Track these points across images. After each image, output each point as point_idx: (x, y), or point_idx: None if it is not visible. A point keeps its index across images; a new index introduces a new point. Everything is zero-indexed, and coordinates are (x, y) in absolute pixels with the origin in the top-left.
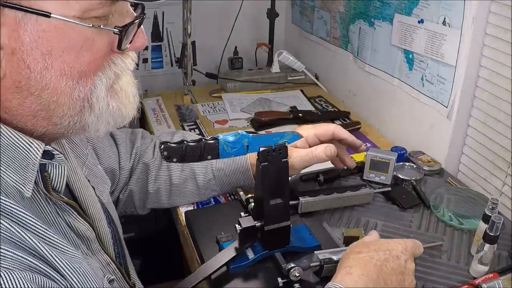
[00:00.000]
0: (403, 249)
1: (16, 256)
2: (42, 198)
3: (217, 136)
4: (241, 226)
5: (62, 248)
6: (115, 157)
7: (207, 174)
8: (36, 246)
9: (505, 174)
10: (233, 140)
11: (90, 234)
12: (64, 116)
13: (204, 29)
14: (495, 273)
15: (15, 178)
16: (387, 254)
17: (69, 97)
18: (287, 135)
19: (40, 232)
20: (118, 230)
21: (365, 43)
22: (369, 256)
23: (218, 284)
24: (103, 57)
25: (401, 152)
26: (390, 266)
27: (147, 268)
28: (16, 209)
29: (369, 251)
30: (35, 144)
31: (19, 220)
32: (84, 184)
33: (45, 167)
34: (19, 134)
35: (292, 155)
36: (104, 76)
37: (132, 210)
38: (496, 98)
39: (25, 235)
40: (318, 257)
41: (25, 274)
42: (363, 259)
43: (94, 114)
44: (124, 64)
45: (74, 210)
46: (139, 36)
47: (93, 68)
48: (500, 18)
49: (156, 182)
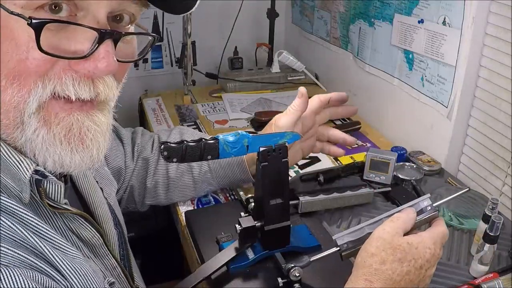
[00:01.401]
0: (430, 257)
1: (17, 254)
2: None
3: (217, 136)
4: (241, 226)
5: (64, 249)
6: (121, 156)
7: (203, 167)
8: (37, 245)
9: (505, 174)
10: (233, 140)
11: (96, 241)
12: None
13: (204, 29)
14: (495, 273)
15: (13, 185)
16: (411, 265)
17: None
18: (287, 135)
19: (42, 232)
20: (124, 232)
21: (365, 43)
22: (391, 271)
23: (218, 284)
24: (41, 62)
25: (401, 152)
26: (410, 278)
27: (147, 268)
28: (18, 209)
29: (393, 261)
30: (25, 163)
31: (22, 220)
32: (92, 185)
33: (40, 182)
34: (10, 149)
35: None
36: (42, 87)
37: (133, 206)
38: (496, 98)
39: (27, 234)
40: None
41: (25, 272)
42: (386, 273)
43: (25, 136)
44: (73, 89)
45: (82, 218)
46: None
47: (28, 71)
48: (500, 18)
49: (154, 177)
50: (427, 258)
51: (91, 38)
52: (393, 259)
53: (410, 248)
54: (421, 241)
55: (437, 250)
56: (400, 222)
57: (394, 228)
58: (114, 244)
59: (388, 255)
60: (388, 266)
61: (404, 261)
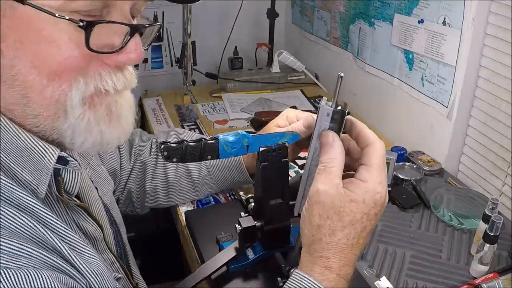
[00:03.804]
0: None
1: (41, 255)
2: (53, 199)
3: (217, 136)
4: (241, 226)
5: (80, 248)
6: (117, 157)
7: (202, 171)
8: (56, 245)
9: (505, 174)
10: (233, 140)
11: (98, 235)
12: (39, 116)
13: (204, 29)
14: (495, 273)
15: (29, 179)
16: (364, 222)
17: (39, 94)
18: (287, 135)
19: (61, 231)
20: (121, 231)
21: (365, 43)
22: (345, 238)
23: (218, 284)
24: (80, 59)
25: (401, 152)
26: (367, 231)
27: (147, 268)
28: (35, 206)
29: (343, 228)
30: (50, 149)
31: (39, 218)
32: (87, 184)
33: (59, 172)
34: (34, 138)
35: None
36: (84, 83)
37: (131, 209)
38: (496, 98)
39: (45, 233)
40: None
41: (52, 273)
42: (340, 243)
43: (69, 122)
44: (111, 82)
45: (85, 211)
46: (132, 48)
47: (68, 69)
48: (500, 18)
49: (153, 180)
50: (380, 203)
51: (122, 33)
52: (343, 225)
53: (357, 205)
54: (366, 190)
55: (384, 185)
56: (331, 170)
57: (329, 185)
58: (111, 242)
59: (335, 222)
60: (339, 235)
61: (356, 222)
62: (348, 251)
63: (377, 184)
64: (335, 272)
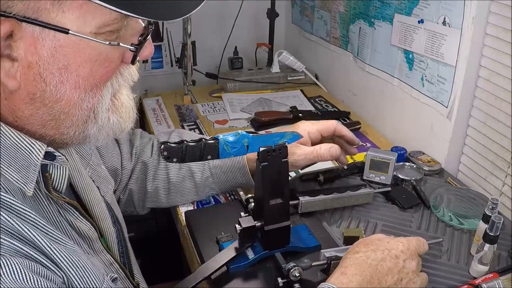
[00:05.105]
0: (404, 249)
1: (13, 245)
2: (43, 197)
3: (217, 136)
4: (241, 226)
5: (61, 241)
6: (117, 157)
7: (205, 172)
8: (33, 238)
9: (505, 174)
10: (233, 140)
11: (92, 234)
12: (72, 126)
13: (204, 29)
14: (495, 273)
15: (16, 177)
16: (385, 254)
17: (79, 108)
18: (287, 135)
19: (39, 225)
20: (123, 229)
21: (365, 43)
22: (365, 256)
23: (218, 284)
24: (114, 69)
25: (401, 152)
26: (387, 266)
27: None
28: (15, 203)
29: (367, 251)
30: (37, 145)
31: (19, 214)
32: (88, 184)
33: (46, 168)
34: (21, 135)
35: (296, 152)
36: (111, 86)
37: (132, 209)
38: (496, 98)
39: (23, 227)
40: (325, 255)
41: (22, 261)
42: (359, 259)
43: (97, 126)
44: (130, 76)
45: (76, 210)
46: (147, 46)
47: (104, 80)
48: (500, 18)
49: (155, 181)
50: (401, 249)
51: (139, 32)
52: (366, 249)
53: (382, 241)
54: (392, 238)
55: (411, 243)
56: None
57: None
58: (113, 241)
59: (361, 247)
60: (361, 254)
61: (377, 250)
62: (365, 266)
63: (399, 244)
64: (348, 278)
